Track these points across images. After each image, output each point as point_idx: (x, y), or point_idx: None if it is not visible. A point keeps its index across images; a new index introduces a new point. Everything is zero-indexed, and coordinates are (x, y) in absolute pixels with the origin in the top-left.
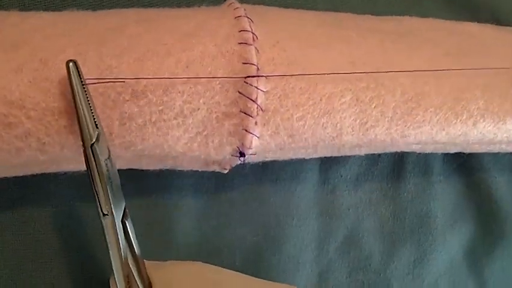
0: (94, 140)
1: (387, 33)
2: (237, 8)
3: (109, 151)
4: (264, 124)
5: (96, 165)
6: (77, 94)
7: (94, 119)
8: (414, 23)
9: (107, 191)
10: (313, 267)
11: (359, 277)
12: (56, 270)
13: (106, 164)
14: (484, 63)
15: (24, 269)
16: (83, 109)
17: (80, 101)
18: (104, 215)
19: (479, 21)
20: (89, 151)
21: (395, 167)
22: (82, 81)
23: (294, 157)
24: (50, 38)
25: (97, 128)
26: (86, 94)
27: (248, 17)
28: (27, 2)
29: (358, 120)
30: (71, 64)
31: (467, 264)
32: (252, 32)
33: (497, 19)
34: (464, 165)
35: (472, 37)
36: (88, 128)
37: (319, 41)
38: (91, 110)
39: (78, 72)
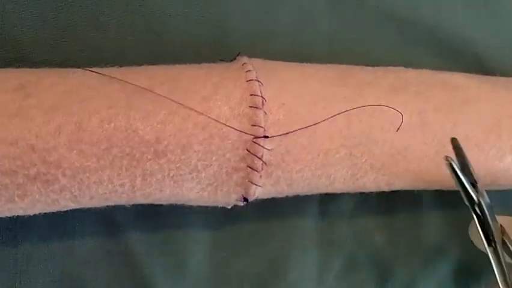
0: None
1: (384, 88)
2: (249, 71)
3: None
4: (267, 176)
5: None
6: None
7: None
8: (409, 76)
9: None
10: None
11: None
12: None
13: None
14: (469, 117)
15: None
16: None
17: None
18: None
19: (465, 65)
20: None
21: (388, 198)
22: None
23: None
24: (84, 101)
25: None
26: None
27: (258, 81)
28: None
29: (350, 172)
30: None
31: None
32: (262, 96)
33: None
34: (452, 193)
35: (460, 90)
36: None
37: (321, 99)
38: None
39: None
